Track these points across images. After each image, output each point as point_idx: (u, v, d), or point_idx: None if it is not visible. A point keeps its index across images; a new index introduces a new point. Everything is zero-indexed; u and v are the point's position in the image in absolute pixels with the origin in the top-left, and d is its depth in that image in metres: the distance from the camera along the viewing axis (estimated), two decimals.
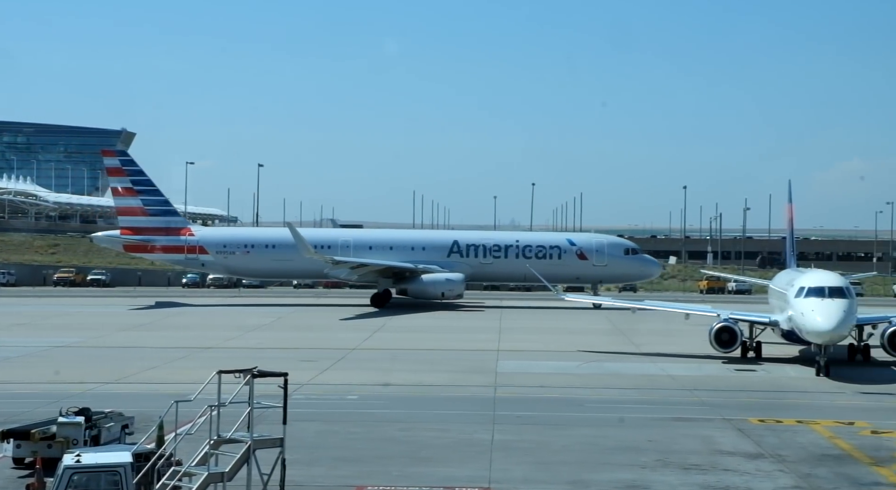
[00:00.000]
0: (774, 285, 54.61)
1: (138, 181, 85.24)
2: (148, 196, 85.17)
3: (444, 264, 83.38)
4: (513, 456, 26.86)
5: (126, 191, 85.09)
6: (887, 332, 46.50)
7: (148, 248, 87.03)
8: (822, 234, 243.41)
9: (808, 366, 45.20)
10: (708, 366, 46.53)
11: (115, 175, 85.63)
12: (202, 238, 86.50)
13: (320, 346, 52.65)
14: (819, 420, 32.35)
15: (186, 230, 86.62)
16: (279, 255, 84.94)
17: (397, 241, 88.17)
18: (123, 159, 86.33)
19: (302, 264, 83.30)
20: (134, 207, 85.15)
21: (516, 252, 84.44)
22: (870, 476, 24.81)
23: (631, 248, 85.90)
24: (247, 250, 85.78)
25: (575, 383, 41.00)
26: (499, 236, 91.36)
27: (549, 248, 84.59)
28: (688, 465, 25.79)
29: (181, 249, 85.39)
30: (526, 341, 56.64)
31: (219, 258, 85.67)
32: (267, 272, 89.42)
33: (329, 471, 25.23)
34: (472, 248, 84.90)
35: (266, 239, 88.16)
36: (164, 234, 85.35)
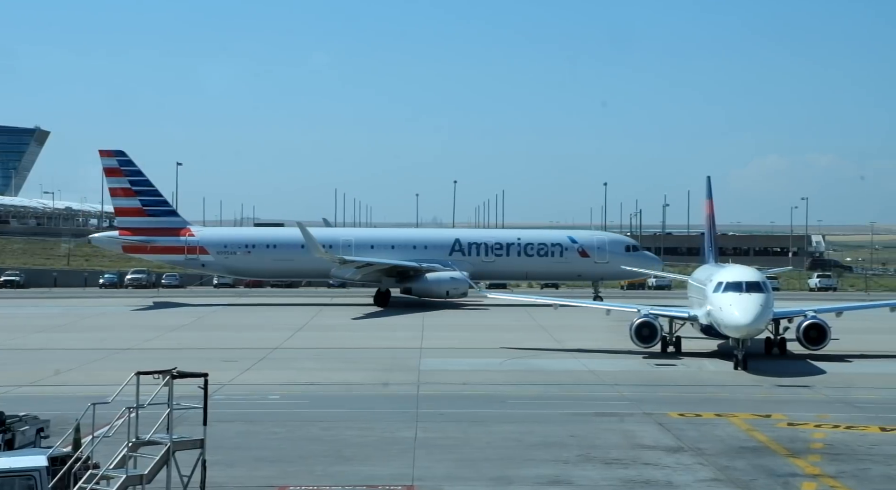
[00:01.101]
0: (693, 281, 55.36)
1: (136, 181, 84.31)
2: (147, 196, 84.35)
3: (445, 263, 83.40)
4: (436, 453, 26.85)
5: (124, 191, 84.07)
6: (803, 326, 47.36)
7: (147, 249, 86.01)
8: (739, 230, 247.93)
9: (726, 360, 45.88)
10: (629, 361, 46.99)
11: (113, 175, 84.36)
12: (202, 238, 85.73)
13: (242, 346, 52.17)
14: (737, 413, 32.84)
15: (186, 230, 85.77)
16: (280, 255, 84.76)
17: (399, 240, 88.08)
18: (121, 159, 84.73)
19: (304, 264, 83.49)
20: (132, 208, 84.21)
21: (518, 250, 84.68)
22: (786, 467, 25.23)
23: (632, 244, 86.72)
24: (248, 250, 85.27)
25: (498, 380, 41.13)
26: (500, 234, 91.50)
27: (550, 245, 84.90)
28: (609, 460, 26.00)
29: (181, 250, 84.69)
30: (449, 339, 56.69)
31: (219, 258, 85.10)
32: (268, 272, 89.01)
33: (251, 471, 24.98)
34: (473, 246, 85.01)
35: (267, 239, 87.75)
36: (163, 234, 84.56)
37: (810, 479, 24.00)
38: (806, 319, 47.77)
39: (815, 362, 45.78)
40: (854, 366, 45.85)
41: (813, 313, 48.63)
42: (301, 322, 66.61)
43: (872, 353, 50.12)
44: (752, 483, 23.61)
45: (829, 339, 47.15)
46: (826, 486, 23.25)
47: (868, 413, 33.21)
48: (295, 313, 74.84)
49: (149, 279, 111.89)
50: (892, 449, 27.27)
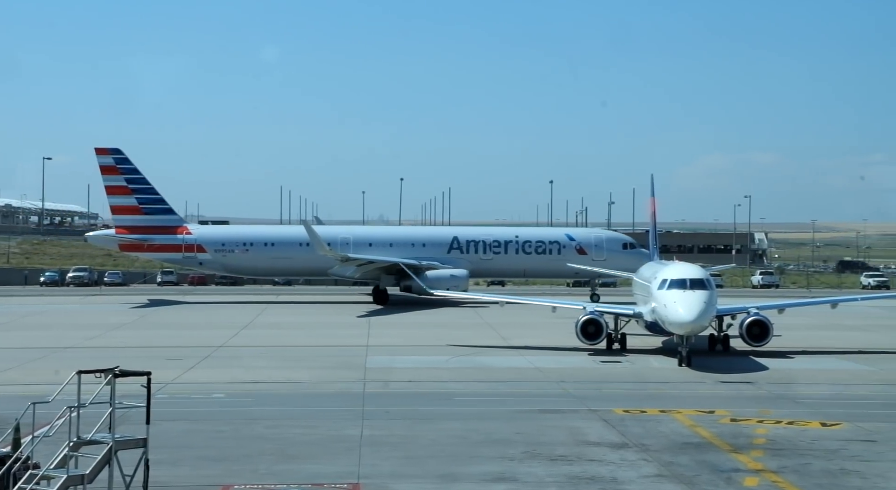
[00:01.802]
0: (638, 278, 55.75)
1: (133, 179, 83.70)
2: (143, 194, 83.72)
3: (444, 260, 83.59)
4: (382, 451, 26.78)
5: (120, 189, 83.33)
6: (746, 323, 47.89)
7: (144, 247, 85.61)
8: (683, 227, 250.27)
9: (670, 356, 46.25)
10: (574, 358, 47.21)
11: (109, 173, 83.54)
12: (200, 236, 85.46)
13: (186, 345, 51.69)
14: (681, 409, 33.09)
15: (183, 228, 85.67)
16: (278, 253, 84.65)
17: (397, 237, 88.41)
18: (117, 157, 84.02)
19: (301, 262, 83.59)
20: (129, 206, 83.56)
21: (516, 248, 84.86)
22: (729, 463, 25.47)
23: (629, 242, 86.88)
24: (245, 248, 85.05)
25: (444, 377, 41.12)
26: (498, 232, 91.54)
27: (548, 243, 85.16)
28: (555, 457, 26.09)
29: (178, 248, 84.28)
30: (395, 336, 56.60)
31: (217, 257, 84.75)
32: (266, 270, 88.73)
33: (194, 470, 24.74)
34: (471, 244, 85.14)
35: (265, 237, 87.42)
36: (160, 232, 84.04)
37: (753, 474, 24.24)
38: (749, 316, 48.30)
39: (758, 359, 46.28)
40: (796, 362, 46.42)
41: (756, 310, 49.19)
42: (247, 320, 66.16)
43: (814, 349, 50.77)
44: (695, 478, 23.80)
45: (772, 336, 47.72)
46: (768, 481, 23.49)
47: (809, 409, 33.62)
48: (243, 311, 74.36)
49: (90, 277, 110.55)
50: (833, 444, 27.63)
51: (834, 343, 53.30)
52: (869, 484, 23.32)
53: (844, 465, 25.15)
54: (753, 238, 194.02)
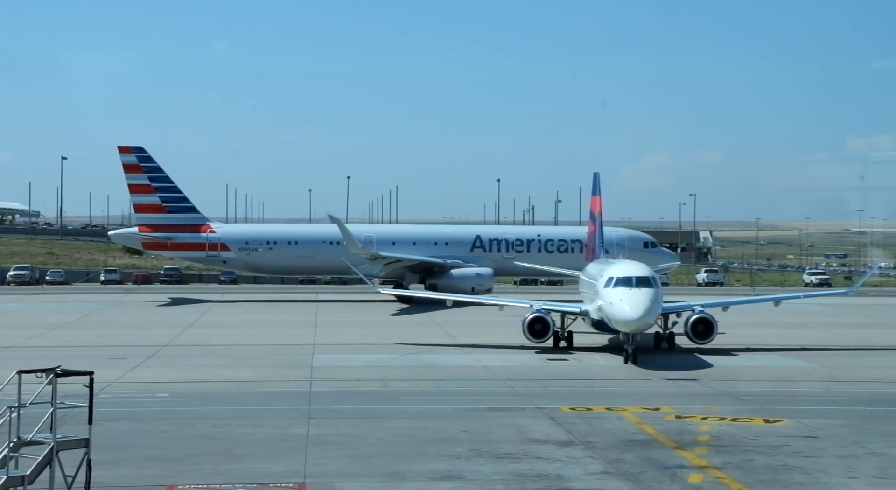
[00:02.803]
0: (585, 276, 55.99)
1: (156, 177, 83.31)
2: (166, 192, 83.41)
3: (467, 259, 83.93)
4: (329, 450, 26.66)
5: (143, 187, 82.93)
6: (691, 320, 48.30)
7: (167, 246, 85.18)
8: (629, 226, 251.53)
9: (616, 354, 46.51)
10: (521, 356, 47.33)
11: (132, 172, 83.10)
12: (224, 235, 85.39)
13: (130, 344, 51.15)
14: (627, 406, 33.29)
15: (207, 227, 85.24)
16: (302, 252, 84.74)
17: (420, 236, 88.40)
18: (140, 156, 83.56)
19: (325, 260, 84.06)
20: (152, 204, 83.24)
21: (538, 246, 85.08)
22: (674, 459, 25.65)
23: (650, 241, 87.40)
24: (269, 247, 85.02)
25: (391, 376, 41.04)
26: (521, 231, 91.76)
27: (570, 241, 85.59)
28: (501, 455, 26.12)
29: (202, 246, 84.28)
30: (342, 335, 56.43)
31: (241, 255, 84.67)
32: (289, 269, 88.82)
33: (138, 470, 24.46)
34: (494, 242, 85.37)
35: (289, 235, 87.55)
36: (183, 231, 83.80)
37: (697, 470, 24.43)
38: (694, 314, 48.72)
39: (703, 356, 46.69)
40: (740, 359, 46.89)
41: (700, 308, 49.66)
42: (192, 318, 65.60)
43: (757, 346, 51.33)
44: (640, 475, 23.93)
45: (716, 333, 48.16)
46: (712, 478, 23.68)
47: (752, 405, 33.97)
48: (186, 311, 73.74)
49: (32, 276, 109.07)
50: (776, 440, 27.92)
51: (777, 340, 53.92)
52: (811, 479, 23.59)
53: (787, 461, 25.43)
54: (698, 236, 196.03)
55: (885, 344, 53.06)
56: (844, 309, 76.96)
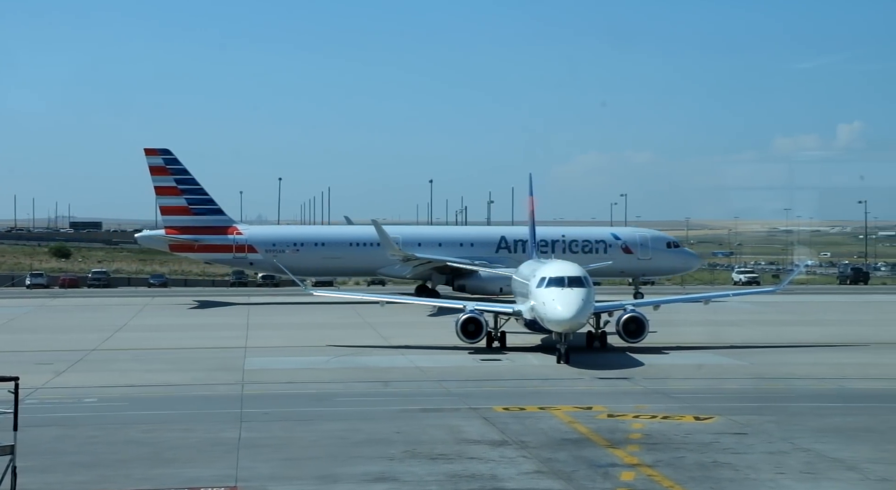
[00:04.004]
0: (518, 276, 56.20)
1: (182, 180, 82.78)
2: (192, 194, 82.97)
3: (492, 260, 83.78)
4: (261, 453, 26.42)
5: (170, 190, 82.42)
6: (622, 319, 48.66)
7: (194, 248, 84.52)
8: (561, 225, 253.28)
9: (549, 353, 46.72)
10: (455, 356, 47.36)
11: (159, 174, 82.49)
12: (251, 237, 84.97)
13: (57, 348, 50.31)
14: (560, 406, 33.44)
15: (233, 229, 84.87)
16: (328, 253, 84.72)
17: (446, 237, 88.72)
18: (167, 157, 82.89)
19: (351, 261, 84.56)
20: (179, 206, 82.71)
21: (563, 247, 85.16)
22: (606, 458, 25.81)
23: (673, 241, 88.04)
24: (296, 249, 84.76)
25: (324, 378, 40.84)
26: (545, 231, 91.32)
27: (594, 242, 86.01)
28: (435, 455, 26.09)
29: (229, 248, 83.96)
30: (274, 337, 56.04)
31: (268, 257, 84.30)
32: (317, 270, 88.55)
33: (66, 476, 24.04)
34: (519, 243, 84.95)
35: (316, 237, 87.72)
36: (210, 232, 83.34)
37: (629, 468, 24.61)
38: (625, 313, 49.09)
39: (634, 355, 47.08)
40: (670, 357, 47.36)
41: (632, 307, 50.08)
42: (121, 322, 64.71)
43: (688, 344, 51.87)
44: (573, 474, 24.05)
45: (648, 332, 48.57)
46: (643, 476, 23.87)
47: (683, 403, 34.31)
48: (120, 313, 72.71)
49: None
50: (706, 437, 28.23)
51: (707, 338, 54.52)
52: (740, 476, 23.87)
53: (717, 457, 25.71)
54: None
55: (812, 341, 53.95)
56: (772, 306, 78.15)
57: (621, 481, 23.36)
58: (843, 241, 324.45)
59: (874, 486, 22.77)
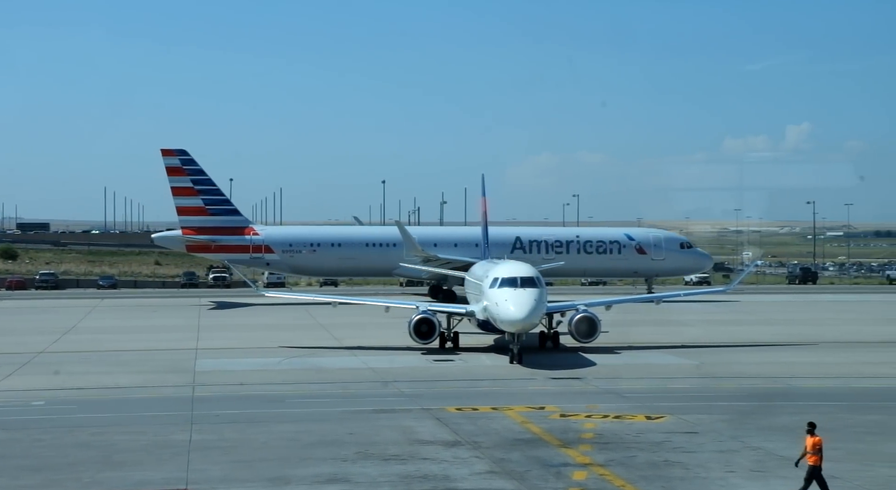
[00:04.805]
0: (471, 277, 56.22)
1: (199, 180, 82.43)
2: (209, 195, 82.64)
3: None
4: (212, 455, 26.21)
5: (186, 190, 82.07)
6: (574, 320, 48.83)
7: (211, 248, 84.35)
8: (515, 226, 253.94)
9: (502, 354, 46.78)
10: (408, 357, 47.28)
11: (175, 174, 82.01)
12: (268, 237, 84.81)
13: (4, 351, 49.62)
14: (512, 406, 33.49)
15: (250, 229, 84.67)
16: (345, 254, 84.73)
17: (461, 237, 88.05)
18: (183, 158, 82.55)
19: (368, 262, 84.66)
20: (195, 207, 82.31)
21: (577, 248, 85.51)
22: (559, 457, 25.88)
23: (685, 242, 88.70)
24: (312, 249, 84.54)
25: (276, 379, 40.61)
26: (560, 232, 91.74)
27: (608, 243, 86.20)
28: (388, 456, 26.02)
29: (246, 249, 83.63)
30: (226, 339, 55.65)
31: (284, 257, 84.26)
32: (332, 271, 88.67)
33: (12, 481, 23.71)
34: (534, 243, 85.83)
35: (332, 237, 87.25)
36: (227, 233, 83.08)
37: (581, 468, 24.69)
38: (577, 313, 49.25)
39: (587, 354, 47.26)
40: (622, 357, 47.60)
41: (584, 307, 50.24)
42: (69, 324, 63.95)
43: (639, 344, 52.17)
44: (526, 474, 24.08)
45: (600, 332, 48.78)
46: (596, 475, 23.95)
47: (635, 402, 34.49)
48: (69, 315, 71.85)
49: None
50: (657, 436, 28.39)
51: (658, 338, 54.89)
52: (690, 474, 24.03)
53: (668, 456, 25.86)
54: None
55: (762, 340, 54.45)
56: (722, 306, 78.83)
57: (574, 481, 23.42)
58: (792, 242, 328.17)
59: None
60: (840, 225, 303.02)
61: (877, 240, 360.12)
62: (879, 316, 75.51)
